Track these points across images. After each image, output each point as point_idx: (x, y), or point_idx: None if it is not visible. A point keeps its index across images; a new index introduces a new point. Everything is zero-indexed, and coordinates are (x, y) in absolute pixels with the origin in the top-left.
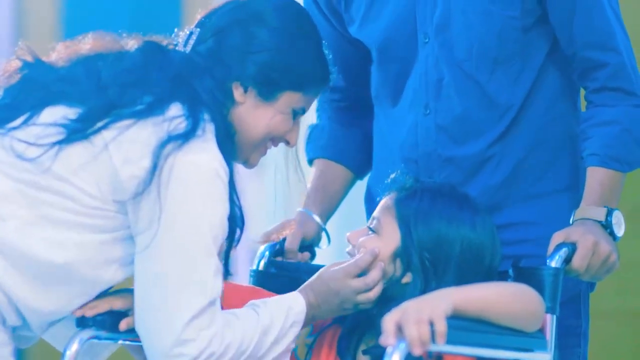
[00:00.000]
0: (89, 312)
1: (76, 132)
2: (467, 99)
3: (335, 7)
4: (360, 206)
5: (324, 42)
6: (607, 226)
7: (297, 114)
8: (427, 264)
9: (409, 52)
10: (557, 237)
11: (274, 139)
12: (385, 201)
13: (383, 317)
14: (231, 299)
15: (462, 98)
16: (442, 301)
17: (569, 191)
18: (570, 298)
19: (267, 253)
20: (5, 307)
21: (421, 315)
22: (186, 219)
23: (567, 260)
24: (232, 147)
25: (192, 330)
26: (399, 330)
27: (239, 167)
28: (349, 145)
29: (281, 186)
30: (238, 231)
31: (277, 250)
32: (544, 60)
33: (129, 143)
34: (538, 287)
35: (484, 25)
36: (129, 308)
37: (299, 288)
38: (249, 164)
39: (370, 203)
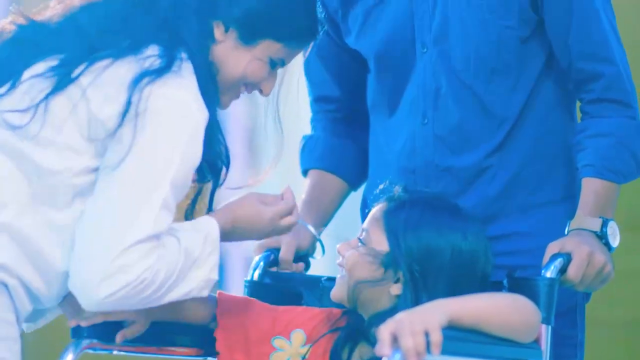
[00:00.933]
0: (85, 323)
1: (60, 79)
2: (464, 109)
3: (332, 17)
4: (355, 216)
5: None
6: (602, 237)
7: (275, 64)
8: (416, 275)
9: (406, 61)
10: (552, 248)
11: (248, 85)
12: (374, 212)
13: (378, 328)
14: (226, 310)
15: (460, 108)
16: (438, 311)
17: (565, 202)
18: (567, 309)
19: (261, 263)
20: (18, 290)
21: (416, 325)
22: (153, 149)
23: (562, 270)
24: (213, 86)
25: (132, 256)
26: (395, 340)
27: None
28: (344, 156)
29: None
30: (224, 170)
31: (272, 260)
32: (540, 72)
33: (106, 84)
34: (533, 297)
35: (482, 35)
36: (124, 319)
37: (214, 212)
38: (219, 105)
39: (366, 213)
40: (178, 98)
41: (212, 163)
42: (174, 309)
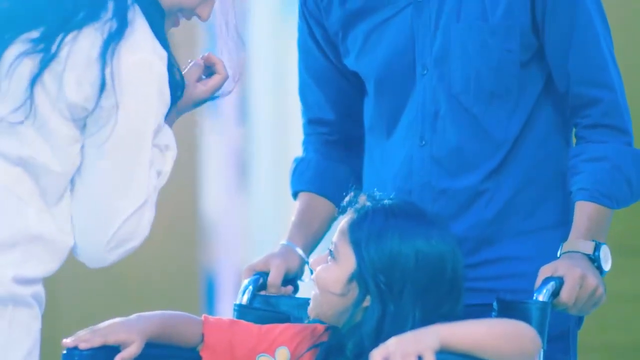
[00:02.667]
0: (83, 345)
1: (43, 56)
2: (462, 132)
3: (332, 39)
4: None
5: None
6: (594, 260)
7: None
8: (382, 286)
9: (406, 83)
10: (545, 271)
11: (184, 12)
12: (341, 224)
13: (370, 353)
14: (212, 329)
15: (458, 130)
16: (430, 336)
17: (560, 227)
18: (559, 334)
19: (250, 287)
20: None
21: (410, 348)
22: (133, 116)
23: (555, 294)
24: (160, 19)
25: (134, 223)
26: None
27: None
28: (335, 180)
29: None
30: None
31: (261, 284)
32: (539, 96)
33: (76, 65)
34: (525, 321)
35: (482, 59)
36: (121, 344)
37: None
38: None
39: None
40: (143, 60)
41: (172, 93)
42: (169, 329)
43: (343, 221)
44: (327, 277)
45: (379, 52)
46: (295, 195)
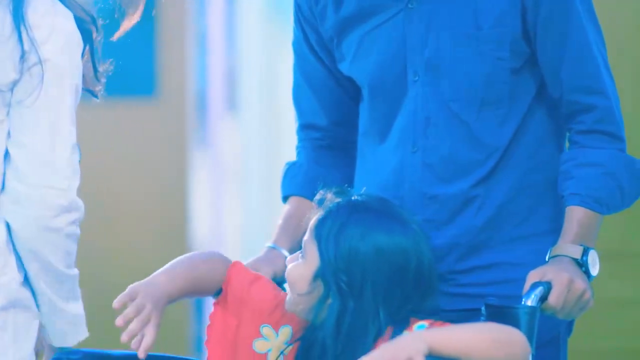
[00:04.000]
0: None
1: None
2: (454, 139)
3: (327, 44)
4: None
5: None
6: (582, 264)
7: None
8: (342, 284)
9: (398, 89)
10: (533, 276)
11: None
12: (311, 222)
13: None
14: (230, 284)
15: (450, 137)
16: (417, 341)
17: (553, 234)
18: (549, 340)
19: None
20: None
21: (398, 355)
22: (54, 77)
23: (543, 298)
24: None
25: (72, 164)
26: None
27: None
28: (326, 186)
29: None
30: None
31: None
32: (532, 102)
33: None
34: (513, 326)
35: (473, 65)
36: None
37: None
38: None
39: None
40: (50, 20)
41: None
42: (191, 288)
43: (312, 219)
44: (295, 274)
45: (372, 58)
46: (285, 199)
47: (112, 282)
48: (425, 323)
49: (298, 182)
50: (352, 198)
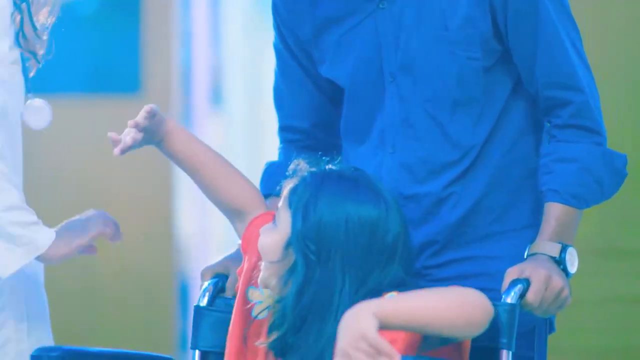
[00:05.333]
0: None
1: None
2: (429, 139)
3: (305, 47)
4: None
5: None
6: (560, 262)
7: None
8: (309, 252)
9: (376, 91)
10: (511, 273)
11: None
12: (284, 190)
13: None
14: (248, 230)
15: (425, 138)
16: (363, 317)
17: (531, 229)
18: (525, 331)
19: (210, 287)
20: None
21: (361, 345)
22: None
23: (522, 295)
24: None
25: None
26: None
27: None
28: None
29: None
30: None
31: (220, 287)
32: (508, 98)
33: None
34: (493, 323)
35: (444, 66)
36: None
37: None
38: None
39: None
40: None
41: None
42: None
43: (286, 187)
44: (266, 243)
45: (349, 60)
46: (265, 198)
47: (97, 281)
48: (393, 293)
49: (276, 182)
50: (326, 167)
